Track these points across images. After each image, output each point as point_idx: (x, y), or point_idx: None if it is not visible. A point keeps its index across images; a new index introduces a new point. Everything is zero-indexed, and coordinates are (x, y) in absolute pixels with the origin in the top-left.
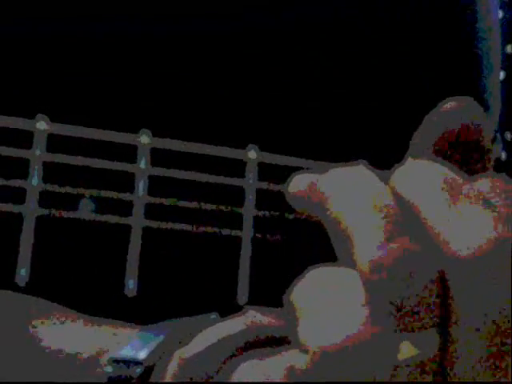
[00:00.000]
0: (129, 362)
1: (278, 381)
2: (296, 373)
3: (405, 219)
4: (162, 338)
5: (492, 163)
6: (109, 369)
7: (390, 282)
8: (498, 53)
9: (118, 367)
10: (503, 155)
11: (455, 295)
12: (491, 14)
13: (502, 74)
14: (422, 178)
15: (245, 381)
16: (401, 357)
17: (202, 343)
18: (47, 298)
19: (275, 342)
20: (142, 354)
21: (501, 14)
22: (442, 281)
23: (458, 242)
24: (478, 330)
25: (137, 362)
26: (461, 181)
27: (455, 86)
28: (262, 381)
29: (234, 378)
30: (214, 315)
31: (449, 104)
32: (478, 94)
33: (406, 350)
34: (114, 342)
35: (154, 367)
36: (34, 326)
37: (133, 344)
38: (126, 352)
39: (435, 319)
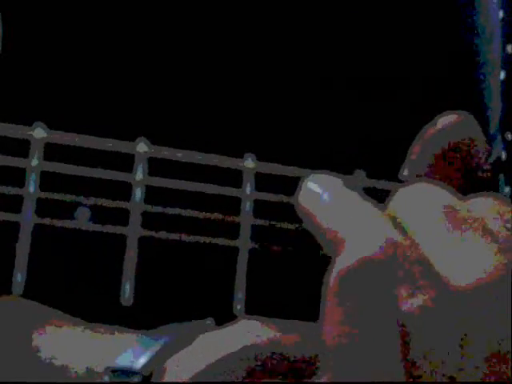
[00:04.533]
0: (127, 372)
1: None
2: None
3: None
4: (160, 344)
5: (489, 175)
6: (106, 379)
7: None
8: (498, 53)
9: (115, 377)
10: (503, 155)
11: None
12: (491, 14)
13: (502, 74)
14: (421, 205)
15: None
16: None
17: (199, 359)
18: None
19: (278, 360)
20: (139, 363)
21: (501, 14)
22: None
23: (457, 273)
24: (472, 356)
25: (134, 372)
26: (459, 205)
27: (455, 86)
28: None
29: None
30: (209, 321)
31: (446, 119)
32: (478, 95)
33: None
34: (112, 349)
35: (151, 376)
36: (34, 335)
37: (132, 350)
38: (124, 360)
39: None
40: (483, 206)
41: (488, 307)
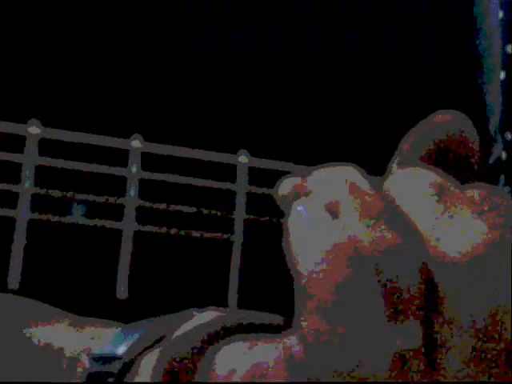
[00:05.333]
0: (108, 359)
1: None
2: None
3: (392, 217)
4: (140, 334)
5: (479, 175)
6: (88, 365)
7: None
8: (497, 53)
9: (97, 364)
10: (503, 155)
11: (446, 295)
12: (491, 14)
13: (502, 74)
14: (412, 182)
15: (229, 364)
16: None
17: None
18: (38, 301)
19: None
20: (120, 350)
21: (501, 14)
22: (428, 279)
23: (447, 244)
24: (466, 329)
25: (115, 358)
26: (452, 186)
27: (455, 86)
28: (250, 365)
29: (217, 361)
30: (193, 310)
31: (438, 116)
32: (478, 94)
33: None
34: (98, 341)
35: (132, 362)
36: (26, 328)
37: (113, 341)
38: (106, 349)
39: (419, 311)
40: (475, 192)
41: (479, 278)
